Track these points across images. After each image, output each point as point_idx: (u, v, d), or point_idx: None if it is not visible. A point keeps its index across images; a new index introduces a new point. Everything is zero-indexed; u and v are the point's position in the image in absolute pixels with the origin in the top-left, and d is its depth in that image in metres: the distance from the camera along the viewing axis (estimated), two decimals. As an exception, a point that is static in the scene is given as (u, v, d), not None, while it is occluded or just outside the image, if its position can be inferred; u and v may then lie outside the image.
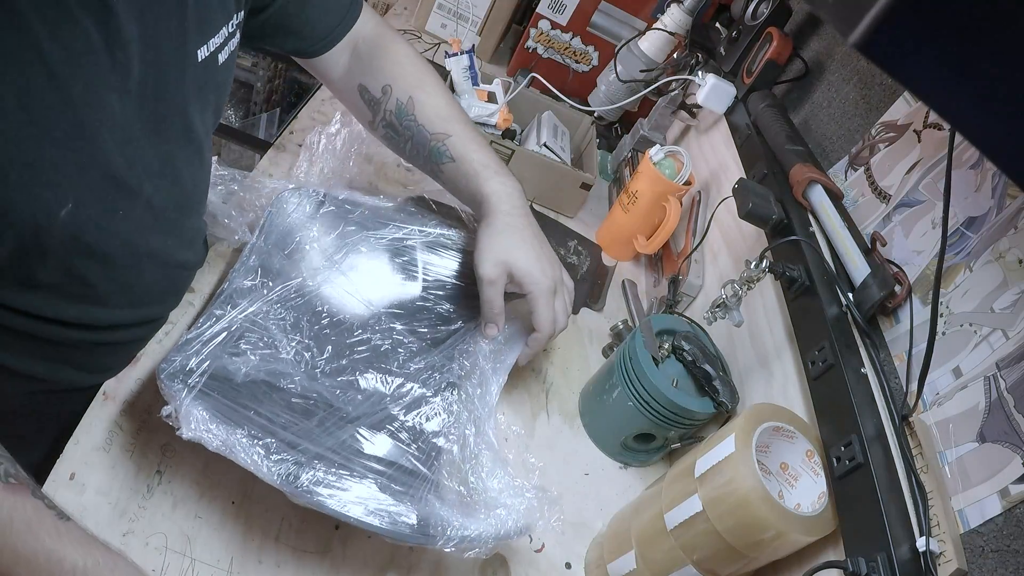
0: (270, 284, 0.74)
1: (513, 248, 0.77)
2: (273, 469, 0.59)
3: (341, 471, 0.62)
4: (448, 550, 0.62)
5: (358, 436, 0.66)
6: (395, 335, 0.78)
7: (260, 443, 0.60)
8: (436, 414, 0.72)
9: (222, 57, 0.65)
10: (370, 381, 0.72)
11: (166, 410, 0.59)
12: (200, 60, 0.61)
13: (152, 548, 0.61)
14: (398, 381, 0.73)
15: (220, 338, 0.66)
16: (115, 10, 0.51)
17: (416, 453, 0.68)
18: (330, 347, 0.73)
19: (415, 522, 0.62)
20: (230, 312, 0.69)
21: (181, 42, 0.59)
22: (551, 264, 0.79)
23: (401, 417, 0.70)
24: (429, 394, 0.73)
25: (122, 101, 0.55)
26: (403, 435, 0.69)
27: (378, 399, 0.70)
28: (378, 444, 0.67)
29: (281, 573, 0.64)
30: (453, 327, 0.82)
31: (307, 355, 0.72)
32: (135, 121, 0.57)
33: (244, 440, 0.59)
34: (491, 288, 0.77)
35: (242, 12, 0.67)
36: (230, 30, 0.65)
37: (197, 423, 0.58)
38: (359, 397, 0.69)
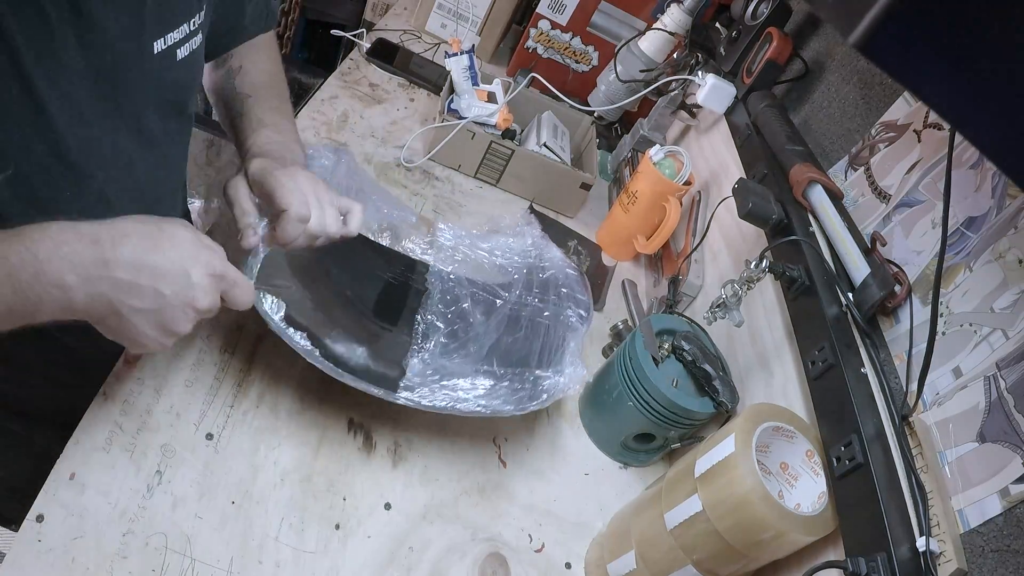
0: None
1: (260, 168, 0.69)
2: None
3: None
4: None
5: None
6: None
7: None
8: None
9: (181, 53, 0.65)
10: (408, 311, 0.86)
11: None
12: (155, 53, 0.62)
13: (152, 548, 0.61)
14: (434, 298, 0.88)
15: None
16: None
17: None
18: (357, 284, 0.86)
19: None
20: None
21: (138, 32, 0.60)
22: (312, 181, 0.70)
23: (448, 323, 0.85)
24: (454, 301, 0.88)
25: (80, 83, 0.57)
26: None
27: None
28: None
29: (281, 573, 0.64)
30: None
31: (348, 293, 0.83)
32: (92, 105, 0.59)
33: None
34: (232, 193, 0.68)
35: (203, 12, 0.67)
36: (191, 28, 0.66)
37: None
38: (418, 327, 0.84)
